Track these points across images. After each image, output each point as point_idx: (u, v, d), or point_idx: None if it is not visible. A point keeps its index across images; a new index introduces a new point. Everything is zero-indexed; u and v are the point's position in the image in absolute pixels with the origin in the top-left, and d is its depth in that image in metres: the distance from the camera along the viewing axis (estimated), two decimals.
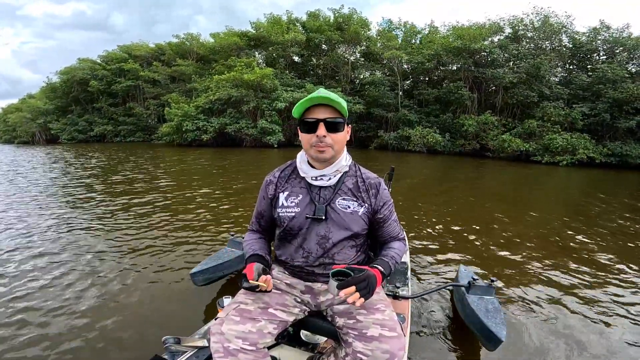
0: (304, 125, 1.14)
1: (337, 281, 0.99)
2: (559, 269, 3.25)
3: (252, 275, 1.06)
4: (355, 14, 25.56)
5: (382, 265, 1.13)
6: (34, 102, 36.44)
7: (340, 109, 1.11)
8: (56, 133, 33.01)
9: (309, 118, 1.12)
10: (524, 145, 16.57)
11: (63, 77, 33.64)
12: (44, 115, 33.84)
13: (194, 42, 30.63)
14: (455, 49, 19.81)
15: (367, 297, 0.99)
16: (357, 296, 0.96)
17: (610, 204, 6.75)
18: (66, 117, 33.74)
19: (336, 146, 1.14)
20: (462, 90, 19.67)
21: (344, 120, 1.14)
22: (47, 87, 36.33)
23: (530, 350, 2.03)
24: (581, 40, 19.92)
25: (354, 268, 1.04)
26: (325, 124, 1.11)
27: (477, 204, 6.38)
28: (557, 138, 16.07)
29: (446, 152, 19.05)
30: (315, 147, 1.13)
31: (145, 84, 31.21)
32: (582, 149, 15.56)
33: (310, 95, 1.11)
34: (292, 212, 1.20)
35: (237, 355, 1.00)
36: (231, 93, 20.68)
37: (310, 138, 1.13)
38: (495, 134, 18.22)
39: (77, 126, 32.66)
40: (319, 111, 1.11)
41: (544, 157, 15.90)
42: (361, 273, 1.01)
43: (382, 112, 22.22)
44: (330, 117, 1.11)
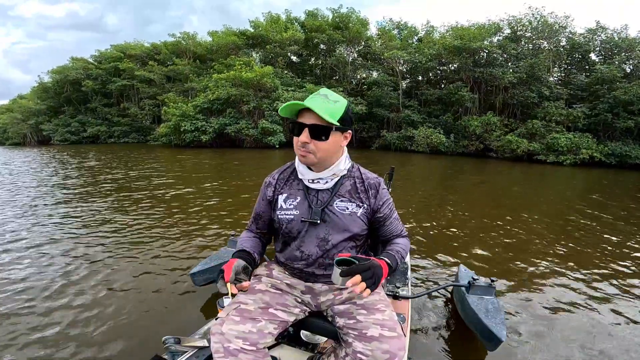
0: (292, 127, 1.12)
1: (342, 269, 0.94)
2: (560, 269, 3.25)
3: (229, 276, 1.01)
4: (353, 13, 25.61)
5: (389, 257, 1.09)
6: (25, 102, 35.47)
7: (325, 117, 1.03)
8: (48, 134, 32.17)
9: (296, 121, 1.10)
10: (532, 146, 16.63)
11: (55, 76, 32.82)
12: (35, 116, 32.98)
13: (190, 41, 30.11)
14: (456, 48, 19.85)
15: (373, 288, 0.95)
16: (363, 286, 0.92)
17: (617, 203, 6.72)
18: (58, 118, 32.89)
19: (319, 154, 1.10)
20: (463, 90, 19.71)
21: (331, 129, 1.08)
22: (39, 87, 35.47)
23: (531, 350, 2.03)
24: (579, 41, 20.03)
25: (359, 257, 1.01)
26: (309, 130, 1.07)
27: (479, 203, 6.37)
28: (560, 138, 16.18)
29: (449, 153, 19.06)
30: (299, 150, 1.11)
31: (140, 83, 30.54)
32: (585, 148, 15.67)
33: (310, 102, 1.07)
34: (290, 215, 1.19)
35: (238, 355, 1.00)
36: (231, 92, 20.39)
37: (297, 141, 1.10)
38: (499, 135, 18.28)
39: (70, 127, 31.80)
40: (309, 115, 1.07)
41: (549, 156, 15.96)
42: (366, 262, 0.98)
43: (385, 112, 22.18)
44: (315, 123, 1.06)
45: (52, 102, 34.18)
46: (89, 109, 33.42)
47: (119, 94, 32.76)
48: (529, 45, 21.06)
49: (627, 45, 18.47)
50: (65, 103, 34.05)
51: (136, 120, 31.26)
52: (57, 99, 33.98)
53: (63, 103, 34.03)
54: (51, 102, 34.15)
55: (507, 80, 18.61)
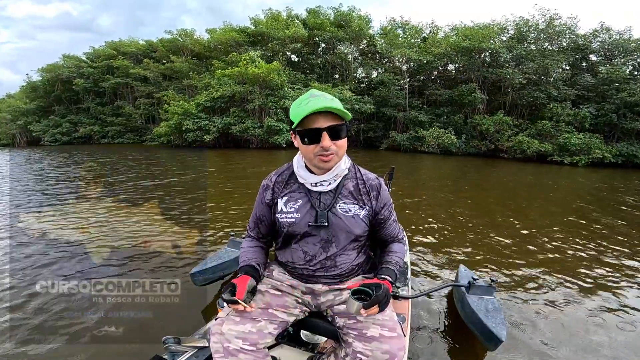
0: (304, 136, 1.07)
1: (359, 300, 1.01)
2: (562, 270, 3.24)
3: (243, 295, 1.04)
4: (354, 11, 25.55)
5: (389, 274, 1.16)
6: (13, 101, 33.65)
7: (341, 113, 1.05)
8: (38, 135, 30.68)
9: (309, 128, 1.05)
10: (544, 146, 16.63)
11: (45, 75, 31.36)
12: (24, 115, 31.44)
13: (188, 39, 28.99)
14: (464, 49, 19.78)
15: (384, 309, 1.05)
16: (376, 311, 1.03)
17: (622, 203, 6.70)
18: (48, 118, 31.34)
19: (340, 152, 1.10)
20: (476, 92, 19.61)
21: (345, 124, 1.08)
22: (27, 86, 33.97)
23: (531, 350, 2.03)
24: (583, 42, 20.02)
25: (370, 284, 1.06)
26: (328, 132, 1.05)
27: (483, 203, 6.38)
28: (572, 138, 16.21)
29: (460, 153, 18.92)
30: (319, 157, 1.08)
31: (135, 81, 29.37)
32: (597, 149, 15.76)
33: (309, 104, 1.02)
34: (292, 218, 1.17)
35: (237, 355, 1.00)
36: (235, 90, 19.69)
37: (314, 149, 1.07)
38: (510, 135, 18.27)
39: (61, 128, 30.37)
40: (319, 118, 1.04)
41: (564, 157, 15.92)
42: (380, 290, 1.02)
43: (392, 112, 21.91)
44: (332, 124, 1.05)
45: (41, 101, 32.68)
46: (81, 108, 32.07)
47: (113, 93, 31.51)
48: (532, 47, 21.00)
49: (633, 47, 18.53)
50: (56, 102, 32.65)
51: (131, 119, 30.00)
52: (47, 98, 32.56)
53: (53, 102, 32.63)
54: (41, 102, 32.64)
55: (517, 81, 18.58)
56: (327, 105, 1.01)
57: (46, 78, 31.71)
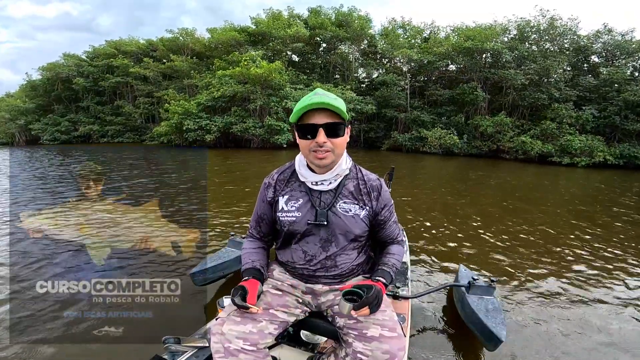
0: (301, 131, 1.09)
1: (350, 302, 1.02)
2: (561, 270, 3.24)
3: (255, 301, 1.07)
4: (354, 11, 25.55)
5: (384, 276, 1.15)
6: (12, 100, 33.51)
7: (339, 112, 1.05)
8: (37, 134, 30.55)
9: (306, 123, 1.07)
10: (546, 147, 16.63)
11: (45, 74, 31.26)
12: (23, 114, 31.34)
13: (188, 38, 28.85)
14: (467, 49, 19.74)
15: (375, 311, 1.04)
16: (367, 312, 1.02)
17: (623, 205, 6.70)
18: (47, 117, 31.22)
19: (337, 150, 1.10)
20: (477, 91, 19.59)
21: (344, 124, 1.09)
22: (27, 85, 33.90)
23: (531, 350, 2.03)
24: (585, 43, 20.01)
25: (361, 285, 1.07)
26: (324, 129, 1.06)
27: (484, 204, 6.38)
28: (574, 139, 16.21)
29: (462, 154, 18.91)
30: (314, 154, 1.09)
31: (135, 81, 29.25)
32: (599, 150, 15.77)
33: (309, 101, 1.04)
34: (292, 217, 1.17)
35: (238, 356, 1.00)
36: (237, 89, 19.63)
37: (309, 144, 1.08)
38: (511, 136, 18.26)
39: (60, 126, 30.22)
40: (318, 115, 1.05)
41: (564, 158, 15.93)
42: (371, 292, 1.03)
43: (394, 112, 21.86)
44: (329, 121, 1.06)
45: (41, 100, 32.53)
46: (81, 107, 31.95)
47: (112, 92, 31.39)
48: (534, 47, 20.98)
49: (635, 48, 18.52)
50: (55, 101, 32.53)
51: (130, 119, 29.89)
52: (47, 97, 32.44)
53: (53, 101, 32.52)
54: (40, 101, 32.52)
55: (519, 81, 18.56)
56: (324, 101, 1.03)
57: (46, 77, 31.63)
